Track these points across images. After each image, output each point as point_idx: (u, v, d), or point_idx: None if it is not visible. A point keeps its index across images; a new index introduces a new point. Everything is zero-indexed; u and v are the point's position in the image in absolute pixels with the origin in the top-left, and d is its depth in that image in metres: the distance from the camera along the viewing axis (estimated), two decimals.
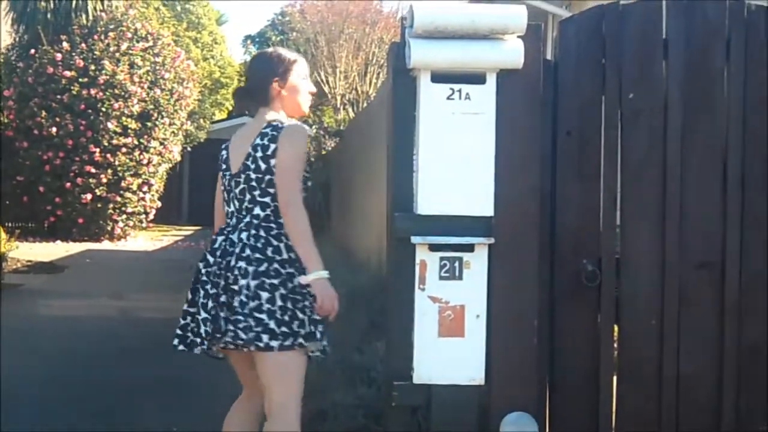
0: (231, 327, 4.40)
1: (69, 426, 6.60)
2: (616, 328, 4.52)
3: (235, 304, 4.39)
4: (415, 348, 4.27)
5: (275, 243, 4.47)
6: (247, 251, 4.46)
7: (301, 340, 4.38)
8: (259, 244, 4.47)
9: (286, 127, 4.51)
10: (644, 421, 4.50)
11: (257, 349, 4.37)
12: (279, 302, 4.37)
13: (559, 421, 4.52)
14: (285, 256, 4.45)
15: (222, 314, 4.42)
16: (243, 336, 4.36)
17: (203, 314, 4.46)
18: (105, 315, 11.85)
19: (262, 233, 4.49)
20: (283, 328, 4.36)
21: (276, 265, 4.43)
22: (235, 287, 4.41)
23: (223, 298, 4.43)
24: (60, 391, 7.53)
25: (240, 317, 4.36)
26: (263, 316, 4.35)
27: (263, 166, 4.46)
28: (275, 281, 4.40)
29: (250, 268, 4.42)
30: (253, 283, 4.40)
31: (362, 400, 6.18)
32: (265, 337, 4.35)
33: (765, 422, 4.55)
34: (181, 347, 4.66)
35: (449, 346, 4.26)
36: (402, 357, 4.30)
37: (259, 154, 4.47)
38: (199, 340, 4.51)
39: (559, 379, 4.51)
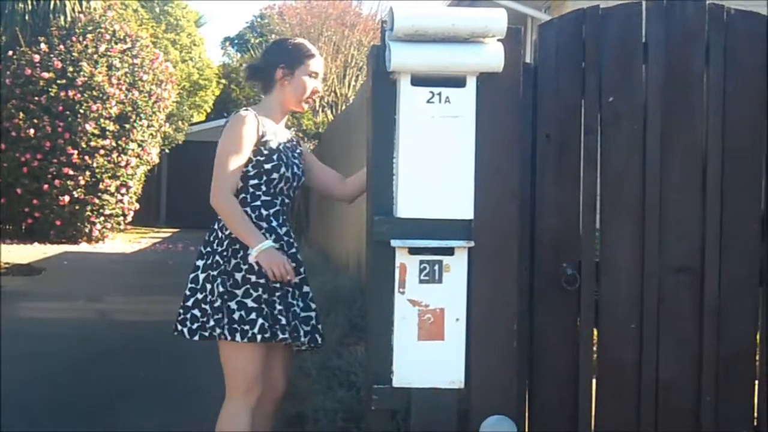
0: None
1: (51, 426, 6.58)
2: (595, 331, 4.52)
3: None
4: (394, 351, 4.26)
5: (220, 235, 4.75)
6: (200, 246, 4.83)
7: (240, 333, 4.60)
8: (210, 237, 4.80)
9: (230, 117, 4.83)
10: (623, 425, 4.50)
11: (200, 339, 4.76)
12: (217, 293, 4.65)
13: (538, 425, 4.52)
14: (226, 247, 4.71)
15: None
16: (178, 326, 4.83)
17: None
18: (83, 317, 11.83)
19: (214, 225, 4.82)
20: (219, 318, 4.64)
21: (217, 257, 4.70)
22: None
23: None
24: (39, 393, 7.51)
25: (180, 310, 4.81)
26: (205, 307, 4.71)
27: None
28: (214, 273, 4.68)
29: (199, 262, 4.77)
30: (201, 276, 4.73)
31: (342, 404, 6.18)
32: (192, 326, 4.75)
33: (744, 427, 4.56)
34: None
35: (429, 349, 4.25)
36: (382, 360, 4.29)
37: None
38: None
39: (539, 382, 4.51)
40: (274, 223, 4.75)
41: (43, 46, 22.07)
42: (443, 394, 4.27)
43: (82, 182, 22.15)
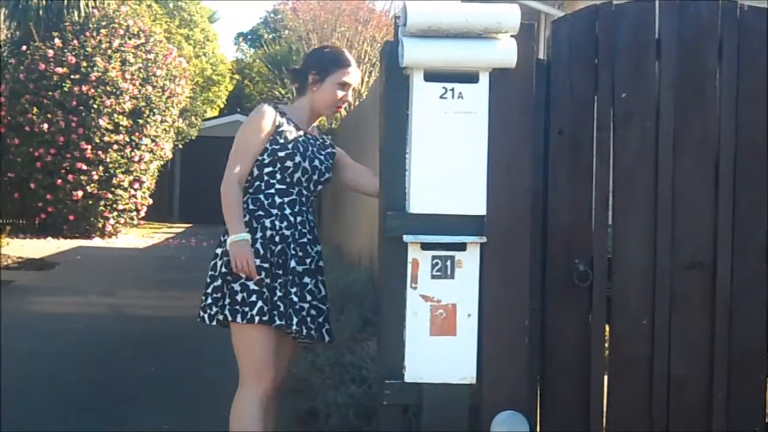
0: None
1: (61, 423, 6.59)
2: (607, 327, 4.52)
3: None
4: (406, 347, 4.27)
5: None
6: (221, 235, 4.94)
7: (241, 314, 4.73)
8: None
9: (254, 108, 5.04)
10: (635, 421, 4.50)
11: (217, 324, 4.90)
12: (219, 277, 4.84)
13: (550, 420, 4.52)
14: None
15: None
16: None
17: None
18: (96, 312, 11.84)
19: None
20: (219, 301, 4.82)
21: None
22: None
23: None
24: (52, 388, 7.52)
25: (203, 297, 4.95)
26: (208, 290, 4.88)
27: None
28: (218, 260, 4.89)
29: (218, 250, 4.93)
30: (219, 263, 4.90)
31: (354, 399, 6.19)
32: (211, 312, 4.87)
33: (755, 424, 4.55)
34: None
35: (441, 344, 4.26)
36: (394, 356, 4.30)
37: None
38: None
39: (550, 378, 4.52)
40: (288, 211, 4.84)
41: (56, 41, 22.08)
42: (455, 389, 4.28)
43: (96, 177, 22.17)
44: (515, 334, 4.32)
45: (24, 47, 22.25)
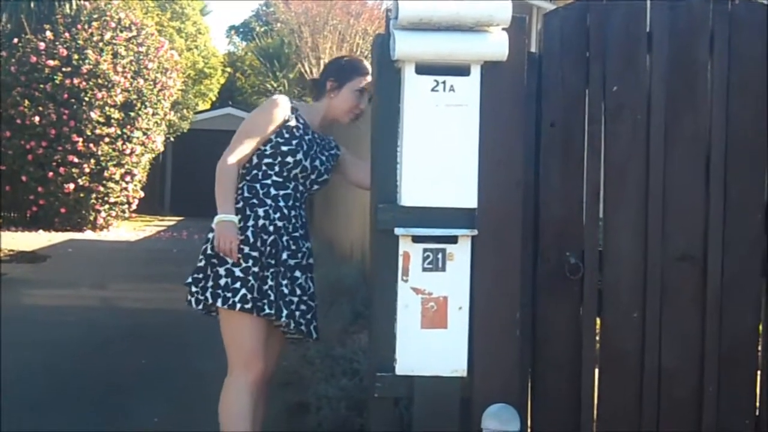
0: None
1: (53, 414, 6.60)
2: (598, 320, 4.52)
3: None
4: (397, 339, 4.27)
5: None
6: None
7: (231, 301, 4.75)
8: None
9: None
10: (625, 414, 4.51)
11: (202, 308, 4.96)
12: (204, 259, 4.87)
13: (540, 413, 4.53)
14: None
15: None
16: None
17: None
18: (88, 305, 11.84)
19: None
20: (201, 282, 4.87)
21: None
22: None
23: None
24: (44, 380, 7.53)
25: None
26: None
27: None
28: (207, 244, 4.91)
29: (210, 235, 4.93)
30: (208, 247, 4.91)
31: (345, 392, 6.19)
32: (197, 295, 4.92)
33: (746, 417, 4.56)
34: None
35: (432, 337, 4.26)
36: (385, 348, 4.30)
37: None
38: None
39: (541, 370, 4.52)
40: (282, 204, 4.87)
41: (48, 33, 22.07)
42: (446, 382, 4.28)
43: (87, 170, 22.17)
44: (506, 327, 4.33)
45: (15, 40, 22.23)
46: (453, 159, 4.23)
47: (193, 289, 4.85)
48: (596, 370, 4.53)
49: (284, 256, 4.83)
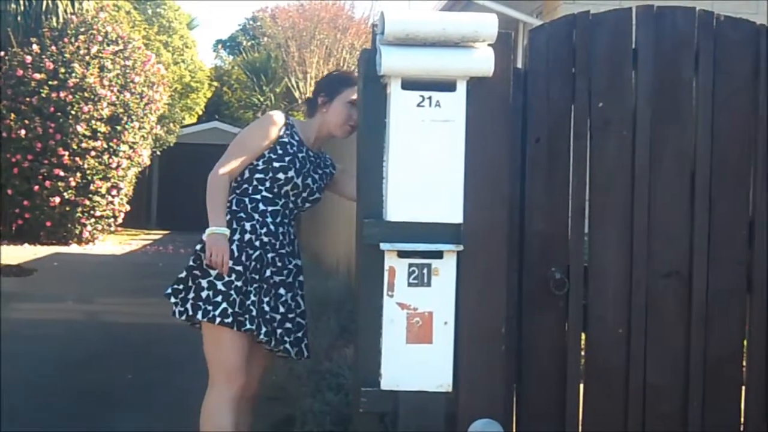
0: None
1: (37, 427, 6.58)
2: (583, 336, 4.53)
3: None
4: (383, 354, 4.27)
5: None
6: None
7: (212, 315, 4.74)
8: None
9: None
10: (610, 429, 4.51)
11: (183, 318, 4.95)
12: (186, 270, 4.88)
13: (525, 428, 4.53)
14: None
15: None
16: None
17: None
18: (73, 318, 11.82)
19: None
20: (181, 293, 4.89)
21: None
22: None
23: None
24: (28, 395, 7.50)
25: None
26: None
27: None
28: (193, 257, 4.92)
29: (198, 246, 4.94)
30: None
31: (330, 407, 6.19)
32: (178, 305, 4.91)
33: None
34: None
35: (417, 352, 4.26)
36: (370, 363, 4.30)
37: None
38: None
39: (527, 386, 4.52)
40: (269, 220, 4.87)
41: (35, 47, 22.04)
42: (431, 397, 4.28)
43: (73, 183, 22.13)
44: (492, 342, 4.33)
45: (2, 53, 22.17)
46: (439, 174, 4.23)
47: (173, 300, 4.85)
48: (581, 386, 4.53)
49: (268, 272, 4.83)
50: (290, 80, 27.61)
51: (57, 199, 21.97)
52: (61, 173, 21.92)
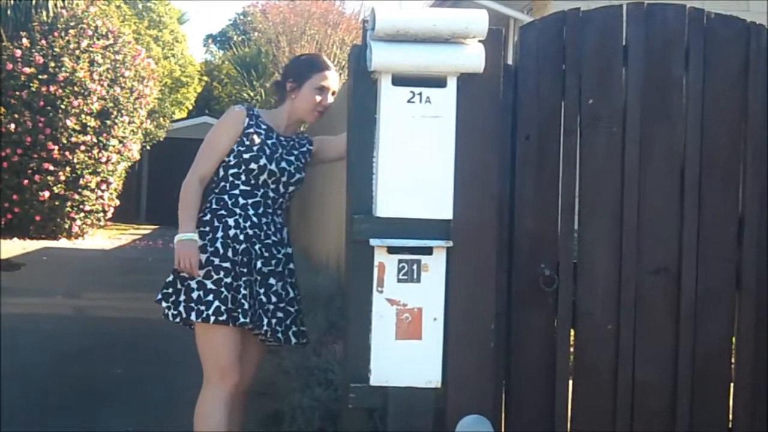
0: None
1: (25, 422, 6.56)
2: (572, 332, 4.53)
3: None
4: (372, 350, 4.27)
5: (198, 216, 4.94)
6: None
7: (201, 315, 4.74)
8: None
9: None
10: (599, 425, 4.51)
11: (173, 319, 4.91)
12: (172, 274, 4.86)
13: (514, 425, 4.53)
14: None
15: None
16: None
17: None
18: (62, 313, 11.80)
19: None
20: (171, 297, 4.86)
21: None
22: None
23: None
24: (16, 389, 7.48)
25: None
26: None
27: None
28: None
29: None
30: None
31: (319, 402, 6.18)
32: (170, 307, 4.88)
33: (719, 429, 4.58)
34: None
35: (406, 348, 4.26)
36: (359, 359, 4.30)
37: None
38: None
39: (516, 382, 4.52)
40: (251, 212, 4.86)
41: (24, 41, 22.00)
42: (420, 393, 4.28)
43: (63, 178, 22.11)
44: (481, 338, 4.33)
45: None
46: (428, 170, 4.24)
47: (164, 304, 4.83)
48: (570, 382, 4.54)
49: (258, 264, 4.84)
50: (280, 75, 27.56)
51: (46, 194, 21.94)
52: (51, 167, 21.89)
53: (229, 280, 4.73)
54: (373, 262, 4.23)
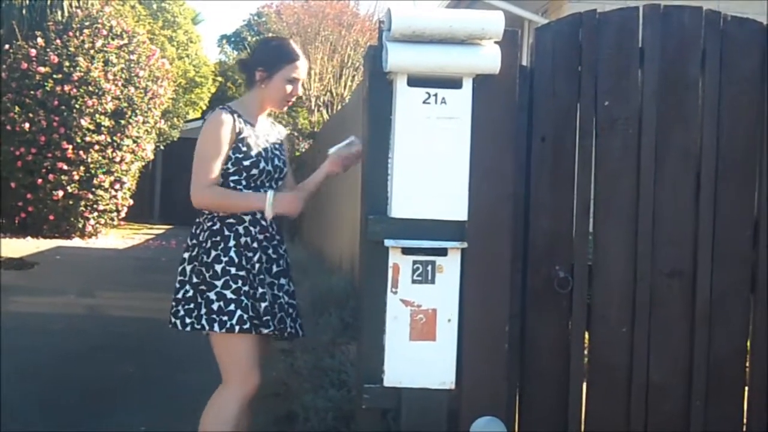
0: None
1: (37, 422, 6.58)
2: (586, 334, 4.53)
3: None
4: (386, 351, 4.26)
5: (205, 227, 4.86)
6: (188, 239, 4.93)
7: (219, 323, 4.68)
8: (196, 230, 4.90)
9: (207, 116, 4.90)
10: (613, 428, 4.51)
11: (191, 329, 4.79)
12: (192, 284, 4.79)
13: (528, 427, 4.52)
14: (206, 239, 4.82)
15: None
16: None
17: None
18: (75, 312, 11.81)
19: (198, 218, 4.92)
20: (191, 309, 4.78)
21: (201, 249, 4.83)
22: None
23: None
24: (28, 388, 7.49)
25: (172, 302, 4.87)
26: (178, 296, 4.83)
27: None
28: (198, 264, 4.80)
29: (186, 255, 4.88)
30: (188, 268, 4.84)
31: (333, 403, 6.19)
32: (183, 318, 4.79)
33: None
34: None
35: (420, 349, 4.26)
36: (373, 360, 4.30)
37: None
38: None
39: (530, 384, 4.52)
40: (259, 215, 4.82)
41: (39, 40, 22.04)
42: (434, 394, 4.28)
43: (77, 177, 22.13)
44: (495, 339, 4.33)
45: (6, 46, 22.20)
46: (444, 171, 4.23)
47: (188, 320, 4.76)
48: (584, 384, 4.53)
49: (274, 268, 4.85)
50: None
51: (60, 193, 21.96)
52: (65, 167, 21.91)
53: (246, 288, 4.70)
54: (387, 263, 4.23)
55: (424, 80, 4.20)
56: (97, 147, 22.22)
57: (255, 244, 4.78)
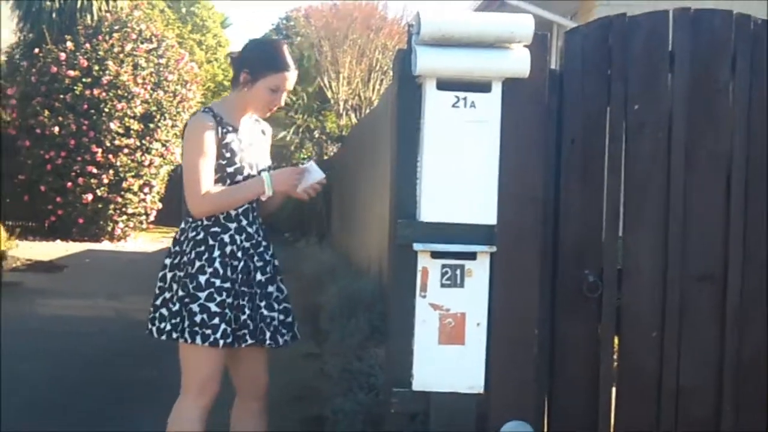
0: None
1: (64, 425, 6.60)
2: (616, 339, 4.51)
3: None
4: (414, 355, 4.27)
5: (189, 235, 4.74)
6: (170, 245, 4.83)
7: (200, 336, 4.58)
8: (180, 237, 4.79)
9: (189, 121, 4.75)
10: None
11: (167, 339, 4.74)
12: (177, 296, 4.66)
13: (557, 430, 4.52)
14: (190, 250, 4.69)
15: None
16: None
17: None
18: (103, 315, 11.87)
19: (182, 225, 4.82)
20: (177, 323, 4.66)
21: (184, 258, 4.70)
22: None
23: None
24: (56, 391, 7.53)
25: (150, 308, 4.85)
26: (170, 307, 4.70)
27: None
28: (180, 273, 4.68)
29: (167, 261, 4.77)
30: (168, 275, 4.75)
31: (362, 406, 6.19)
32: (159, 326, 4.78)
33: None
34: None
35: (449, 353, 4.26)
36: (402, 364, 4.30)
37: None
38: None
39: (559, 388, 4.51)
40: (244, 222, 4.70)
41: (69, 44, 22.12)
42: (462, 398, 4.28)
43: (106, 181, 22.20)
44: (524, 343, 4.32)
45: (36, 50, 22.29)
46: (473, 175, 4.23)
47: (168, 327, 4.69)
48: (614, 389, 4.52)
49: (258, 276, 4.73)
50: (323, 80, 27.56)
51: (89, 196, 22.04)
52: (94, 170, 21.99)
53: (230, 300, 4.59)
54: (416, 266, 4.23)
55: (453, 84, 4.20)
56: (126, 150, 22.29)
57: (240, 253, 4.66)
